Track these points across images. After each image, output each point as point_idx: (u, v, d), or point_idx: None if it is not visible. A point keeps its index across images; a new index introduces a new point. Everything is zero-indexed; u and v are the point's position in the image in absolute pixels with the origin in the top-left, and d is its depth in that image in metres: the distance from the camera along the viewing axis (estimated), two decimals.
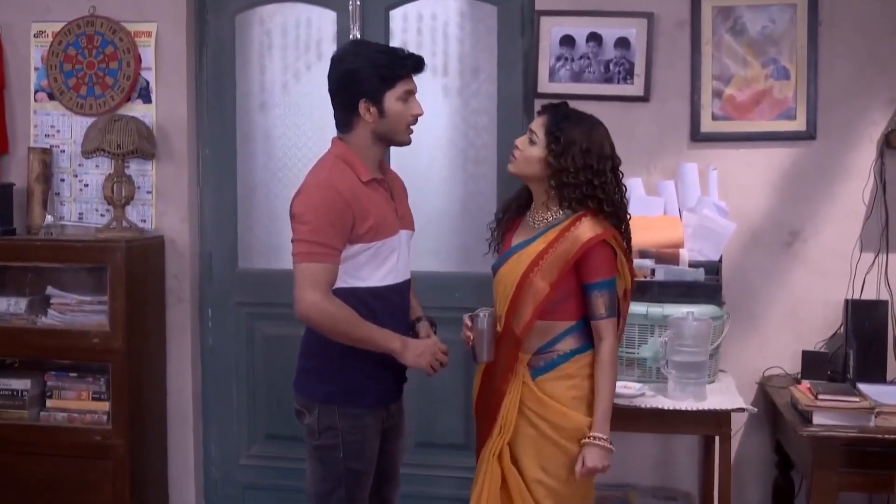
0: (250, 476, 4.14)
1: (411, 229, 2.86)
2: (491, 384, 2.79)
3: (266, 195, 4.10)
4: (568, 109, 2.80)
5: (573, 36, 3.69)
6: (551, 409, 2.71)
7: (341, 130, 2.75)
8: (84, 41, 3.98)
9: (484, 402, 2.84)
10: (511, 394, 2.74)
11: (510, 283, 2.74)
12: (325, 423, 2.69)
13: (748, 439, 3.69)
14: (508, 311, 2.73)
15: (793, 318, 3.63)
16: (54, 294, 3.89)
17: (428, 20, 3.93)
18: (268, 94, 4.07)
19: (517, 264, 2.75)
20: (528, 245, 2.77)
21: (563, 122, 2.73)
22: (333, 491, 2.70)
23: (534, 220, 2.82)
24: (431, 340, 2.77)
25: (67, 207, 4.09)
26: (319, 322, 2.61)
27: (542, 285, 2.69)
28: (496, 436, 2.76)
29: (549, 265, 2.70)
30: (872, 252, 3.56)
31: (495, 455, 2.74)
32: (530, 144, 2.76)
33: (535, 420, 2.73)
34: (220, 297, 4.12)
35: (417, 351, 2.70)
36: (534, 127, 2.77)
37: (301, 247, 2.60)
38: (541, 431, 2.72)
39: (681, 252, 3.42)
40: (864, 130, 3.56)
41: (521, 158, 2.78)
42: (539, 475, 2.72)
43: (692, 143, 3.66)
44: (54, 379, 3.88)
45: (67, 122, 4.06)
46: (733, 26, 3.61)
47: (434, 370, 2.74)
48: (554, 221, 2.77)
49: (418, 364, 2.70)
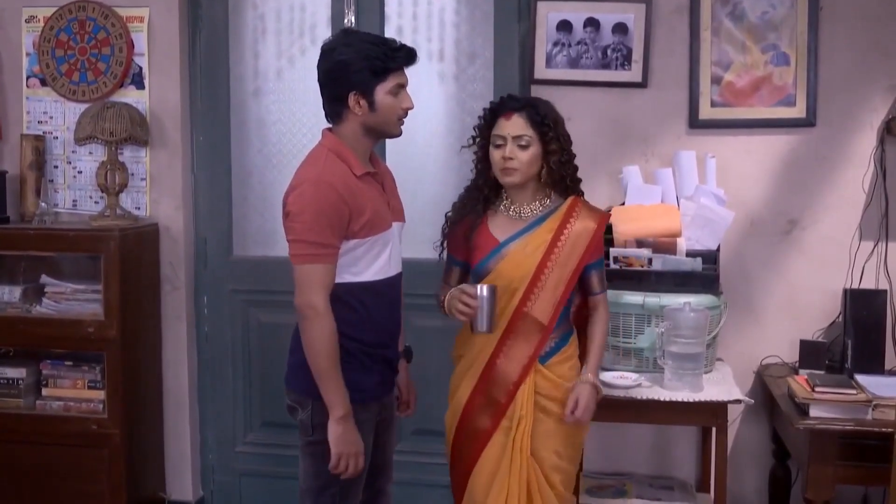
0: (247, 463, 4.13)
1: (403, 221, 2.84)
2: (499, 377, 2.78)
3: (260, 182, 4.07)
4: (532, 99, 2.88)
5: (570, 21, 3.64)
6: (563, 389, 2.79)
7: (331, 122, 2.71)
8: (76, 26, 3.93)
9: (485, 395, 2.81)
10: (526, 383, 2.76)
11: (521, 277, 2.77)
12: (318, 419, 2.66)
13: (746, 428, 3.68)
14: (522, 303, 2.76)
15: (791, 307, 3.61)
16: (49, 283, 3.86)
17: (424, 5, 3.88)
18: (262, 79, 4.02)
19: (525, 257, 2.77)
20: (524, 235, 2.79)
21: (541, 112, 2.79)
22: (327, 487, 2.69)
23: (519, 212, 2.85)
24: (361, 445, 2.64)
25: (61, 194, 4.06)
26: (310, 327, 2.59)
27: (563, 274, 2.77)
28: (515, 428, 2.75)
29: (566, 254, 2.77)
30: (872, 241, 3.53)
31: (522, 450, 2.74)
32: (522, 149, 2.76)
33: (547, 405, 2.78)
34: (215, 285, 4.10)
35: (347, 437, 2.60)
36: (514, 131, 2.77)
37: (300, 247, 2.58)
38: (554, 416, 2.77)
39: (678, 241, 3.38)
40: (865, 117, 3.52)
41: (521, 167, 2.77)
42: (555, 461, 2.79)
43: (690, 129, 3.62)
44: (49, 367, 3.87)
45: (60, 109, 4.02)
46: (733, 11, 3.56)
47: (342, 464, 2.62)
48: (547, 210, 2.83)
49: (335, 444, 2.60)
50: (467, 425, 2.84)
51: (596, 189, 3.48)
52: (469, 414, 2.83)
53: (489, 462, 2.79)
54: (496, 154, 2.80)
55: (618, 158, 3.63)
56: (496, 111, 2.82)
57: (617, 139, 3.66)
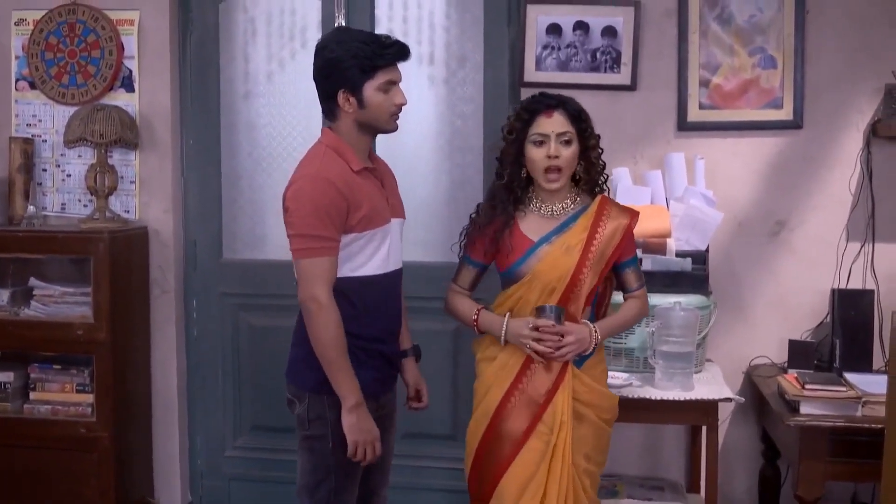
0: (236, 468, 4.11)
1: (402, 217, 2.84)
2: (536, 380, 2.74)
3: (250, 185, 4.07)
4: (564, 96, 2.83)
5: (560, 24, 3.67)
6: (598, 392, 2.80)
7: (328, 119, 2.73)
8: (66, 29, 3.93)
9: (520, 397, 2.74)
10: (564, 387, 2.73)
11: (559, 277, 2.73)
12: (314, 412, 2.67)
13: (735, 428, 3.69)
14: (561, 304, 2.73)
15: (780, 308, 3.63)
16: (37, 285, 3.85)
17: (414, 8, 3.90)
18: (252, 82, 4.03)
19: (563, 257, 2.74)
20: (559, 234, 2.78)
21: (578, 108, 2.79)
22: (323, 482, 2.68)
23: (552, 210, 2.82)
24: (376, 432, 2.65)
25: (50, 198, 4.04)
26: (315, 320, 2.59)
27: (592, 276, 2.76)
28: (556, 434, 2.69)
29: (599, 255, 2.76)
30: (859, 241, 3.56)
31: (564, 457, 2.69)
32: (566, 146, 2.75)
33: (582, 410, 2.75)
34: (205, 288, 4.09)
35: (361, 426, 2.61)
36: (558, 128, 2.74)
37: (300, 242, 2.59)
38: (587, 419, 2.76)
39: (668, 242, 3.41)
40: (851, 119, 3.56)
41: (566, 165, 2.76)
42: (585, 464, 2.76)
43: (679, 132, 3.65)
44: (38, 371, 3.85)
45: (49, 112, 4.01)
46: (720, 14, 3.60)
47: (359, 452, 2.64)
48: (579, 207, 2.83)
49: (350, 433, 2.61)
50: (499, 428, 2.75)
51: None
52: (501, 415, 2.75)
53: (523, 467, 2.71)
54: (538, 153, 2.75)
55: (607, 160, 3.53)
56: (535, 110, 2.76)
57: (606, 142, 3.59)
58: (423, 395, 2.97)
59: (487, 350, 2.86)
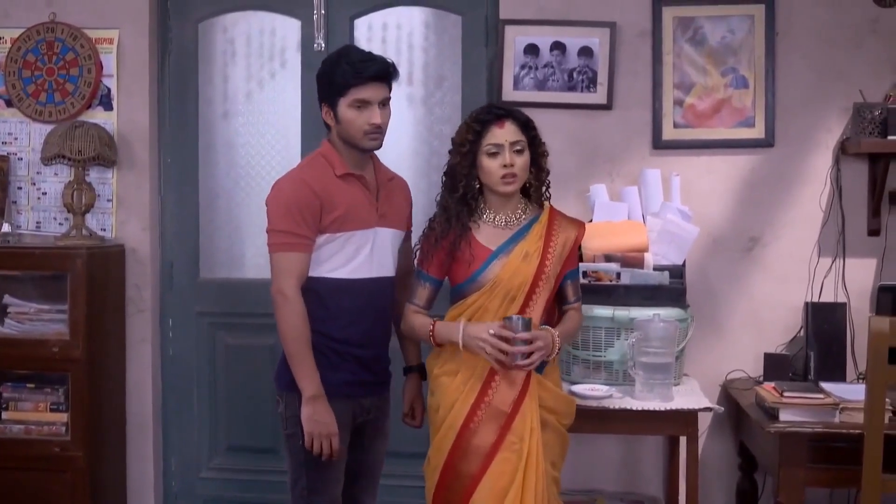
0: (211, 489, 4.07)
1: (398, 229, 2.89)
2: (502, 389, 2.73)
3: (228, 204, 4.07)
4: (511, 107, 2.90)
5: (537, 45, 3.74)
6: (559, 397, 2.85)
7: (326, 129, 2.86)
8: (44, 47, 3.93)
9: (487, 409, 2.73)
10: (531, 395, 2.74)
11: (519, 285, 2.77)
12: (290, 410, 2.75)
13: (711, 442, 3.73)
14: (521, 310, 2.77)
15: (754, 322, 3.69)
16: (12, 303, 3.79)
17: (393, 29, 3.96)
18: (231, 102, 4.05)
19: (523, 264, 2.78)
20: (516, 242, 2.81)
21: (526, 118, 2.84)
22: (298, 480, 2.76)
23: (505, 220, 2.84)
24: (334, 427, 2.68)
25: (24, 216, 4.01)
26: (279, 312, 2.69)
27: (549, 284, 2.81)
28: (528, 442, 2.69)
29: (555, 262, 2.81)
30: (830, 256, 3.65)
31: (538, 464, 2.69)
32: (520, 155, 2.79)
33: (546, 417, 2.78)
34: (181, 307, 4.06)
35: (318, 418, 2.67)
36: (511, 137, 2.77)
37: (272, 237, 2.72)
38: (550, 426, 2.79)
39: (646, 256, 3.46)
40: (821, 138, 3.66)
41: (520, 173, 2.80)
42: (553, 472, 2.80)
43: (654, 150, 3.72)
44: (10, 390, 3.78)
45: (26, 130, 4.00)
46: (693, 36, 3.69)
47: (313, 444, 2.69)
48: (531, 217, 2.87)
49: (306, 423, 2.68)
50: (467, 443, 2.72)
51: (564, 207, 3.47)
52: (468, 429, 2.72)
53: (496, 478, 2.68)
54: (493, 163, 2.76)
55: (585, 177, 3.71)
56: (486, 120, 2.78)
57: (583, 159, 3.74)
58: (416, 413, 3.00)
59: (446, 365, 2.81)
